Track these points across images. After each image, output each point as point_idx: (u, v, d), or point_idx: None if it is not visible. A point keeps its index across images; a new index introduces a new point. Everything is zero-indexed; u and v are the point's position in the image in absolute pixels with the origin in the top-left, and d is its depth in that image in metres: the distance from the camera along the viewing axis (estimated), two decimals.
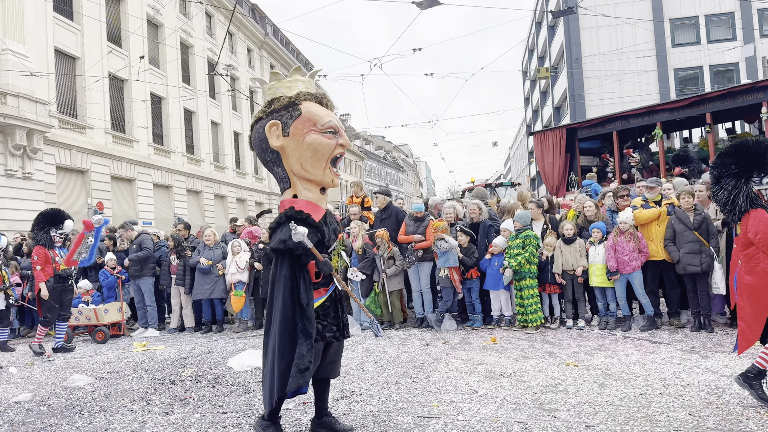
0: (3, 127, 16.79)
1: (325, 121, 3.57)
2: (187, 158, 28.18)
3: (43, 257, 7.82)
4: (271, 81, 3.80)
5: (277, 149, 3.58)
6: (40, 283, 7.76)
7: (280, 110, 3.57)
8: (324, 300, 3.61)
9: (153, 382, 5.81)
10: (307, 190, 3.65)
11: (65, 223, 7.98)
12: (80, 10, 20.88)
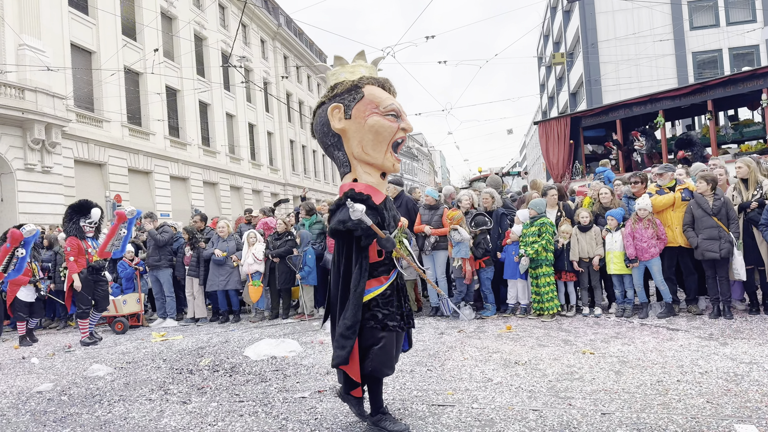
0: (22, 121, 17.02)
1: (388, 103, 3.53)
2: (203, 150, 28.37)
3: (77, 248, 7.87)
4: (335, 66, 3.77)
5: (339, 132, 3.55)
6: (74, 274, 7.82)
7: (343, 93, 3.55)
8: (385, 288, 3.55)
9: (171, 371, 5.89)
10: (368, 174, 3.60)
11: (92, 212, 8.03)
12: (95, 5, 21.03)
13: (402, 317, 3.61)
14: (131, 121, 22.95)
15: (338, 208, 3.47)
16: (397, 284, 3.66)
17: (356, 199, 3.39)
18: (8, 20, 17.12)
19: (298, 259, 8.75)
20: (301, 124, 42.51)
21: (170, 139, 25.50)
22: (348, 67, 3.70)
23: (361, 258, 3.43)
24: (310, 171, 44.16)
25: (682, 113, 15.81)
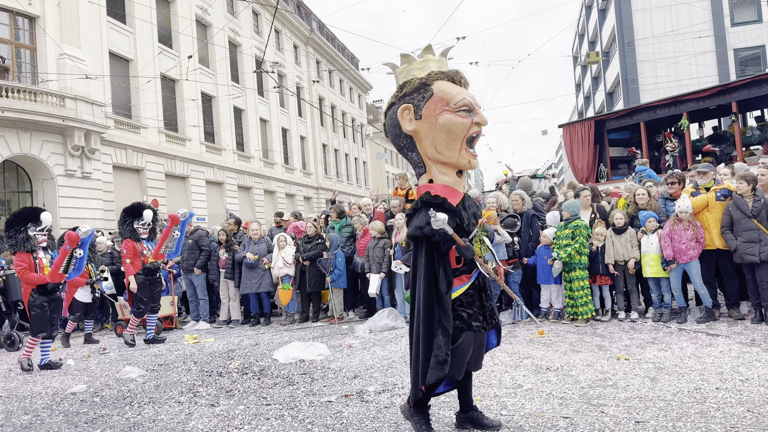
0: (62, 128, 17.54)
1: (458, 99, 3.35)
2: (238, 155, 28.77)
3: (132, 250, 8.00)
4: (402, 64, 3.63)
5: (411, 134, 3.44)
6: (130, 276, 7.95)
7: (412, 93, 3.42)
8: (467, 287, 3.44)
9: (201, 374, 5.94)
10: (443, 173, 3.46)
11: (144, 214, 8.17)
12: (132, 14, 21.55)
13: (484, 317, 3.51)
14: (168, 127, 23.43)
15: (415, 213, 3.36)
16: (479, 283, 3.54)
17: (433, 204, 3.27)
18: (49, 31, 17.68)
19: (328, 263, 8.75)
20: (333, 128, 42.78)
21: (206, 144, 25.93)
22: (416, 63, 3.56)
23: (443, 263, 3.32)
24: (342, 174, 44.38)
25: (706, 115, 15.58)
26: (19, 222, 6.74)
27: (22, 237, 6.66)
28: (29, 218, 6.79)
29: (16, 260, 6.67)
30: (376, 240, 8.52)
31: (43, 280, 6.59)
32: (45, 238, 6.81)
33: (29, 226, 6.72)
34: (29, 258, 6.64)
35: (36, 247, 6.73)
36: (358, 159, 48.86)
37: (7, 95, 16.00)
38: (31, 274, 6.59)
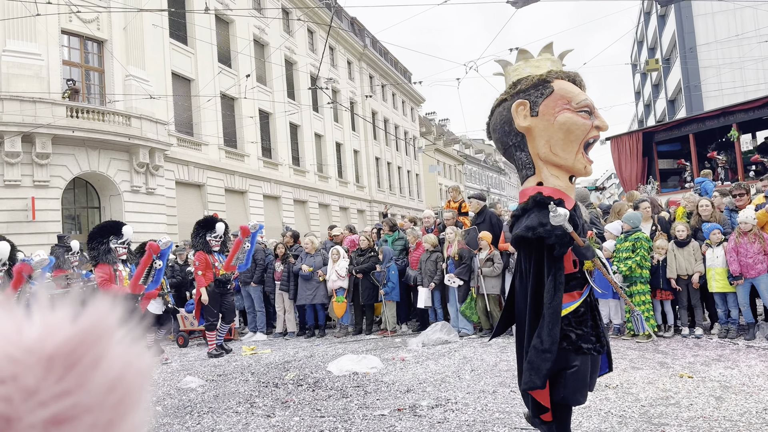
0: (128, 146, 18.40)
1: (581, 99, 3.16)
2: (293, 170, 29.39)
3: (204, 262, 8.10)
4: (517, 61, 3.48)
5: (524, 131, 3.20)
6: (201, 287, 8.06)
7: (529, 89, 3.21)
8: (578, 305, 3.15)
9: (258, 384, 6.08)
10: (555, 176, 3.19)
11: (217, 226, 8.29)
12: (194, 35, 22.46)
13: (597, 338, 3.18)
14: (227, 144, 24.20)
15: (524, 213, 3.09)
16: (590, 301, 3.24)
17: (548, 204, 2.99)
18: (116, 54, 18.65)
19: (381, 275, 8.81)
20: (386, 141, 43.08)
21: (263, 160, 26.63)
22: (533, 61, 3.39)
23: (555, 269, 3.02)
24: (395, 187, 44.57)
25: (757, 126, 14.95)
26: (101, 235, 6.92)
27: (103, 249, 6.82)
28: (111, 231, 6.97)
29: (97, 272, 6.83)
30: (428, 253, 8.53)
31: (123, 291, 6.71)
32: (125, 251, 6.98)
33: (111, 239, 6.87)
34: (110, 270, 6.79)
35: (116, 260, 6.88)
36: (411, 171, 48.97)
37: (77, 116, 16.94)
38: (111, 285, 6.72)
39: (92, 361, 0.53)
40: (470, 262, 8.17)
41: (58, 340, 0.52)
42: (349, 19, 39.00)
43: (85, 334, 0.53)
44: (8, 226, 15.92)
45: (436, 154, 52.28)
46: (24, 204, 16.17)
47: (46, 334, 0.52)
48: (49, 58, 17.08)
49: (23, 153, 16.02)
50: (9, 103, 15.70)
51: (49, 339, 0.52)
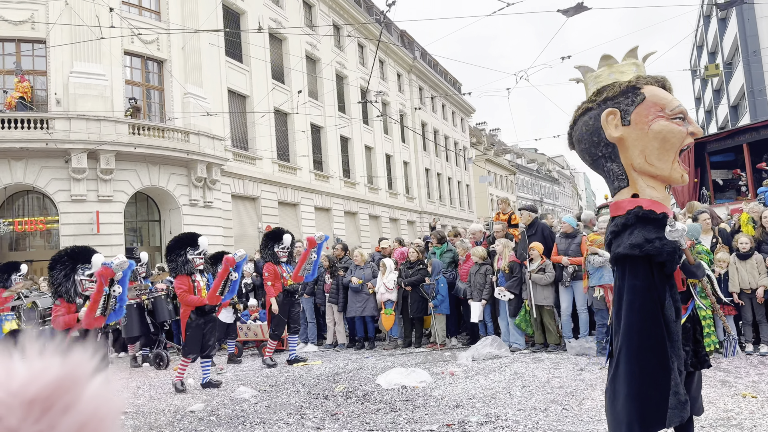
0: (187, 162, 19.08)
1: (674, 105, 3.02)
2: (344, 182, 29.74)
3: (273, 273, 8.27)
4: (600, 67, 3.33)
5: (615, 141, 3.04)
6: (271, 298, 8.23)
7: (617, 97, 3.06)
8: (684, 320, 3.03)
9: (308, 396, 6.16)
10: (651, 187, 3.03)
11: (284, 238, 8.44)
12: (248, 53, 23.15)
13: (696, 355, 3.07)
14: (280, 158, 24.74)
15: (625, 229, 2.94)
16: (694, 314, 3.14)
17: (651, 218, 2.89)
18: (175, 73, 19.42)
19: (431, 288, 8.78)
20: (436, 152, 43.03)
21: (314, 172, 27.08)
22: (617, 66, 3.24)
23: (669, 286, 2.89)
24: (445, 198, 44.41)
25: None
26: (178, 246, 7.06)
27: (181, 260, 6.96)
28: (188, 242, 7.10)
29: (177, 283, 6.99)
30: (477, 266, 8.45)
31: (202, 301, 6.85)
32: (202, 262, 7.11)
33: (188, 250, 7.00)
34: (188, 280, 6.92)
35: (194, 270, 7.01)
36: (461, 182, 48.69)
37: (139, 133, 17.71)
38: (190, 296, 6.85)
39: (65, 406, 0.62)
40: (521, 274, 8.05)
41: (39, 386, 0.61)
42: (398, 32, 39.31)
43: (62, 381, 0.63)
44: (75, 239, 16.71)
45: (486, 164, 51.82)
46: (89, 218, 16.97)
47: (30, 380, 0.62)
48: (112, 78, 17.96)
49: (89, 169, 16.85)
50: (76, 122, 16.57)
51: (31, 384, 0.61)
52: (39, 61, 17.51)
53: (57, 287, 5.47)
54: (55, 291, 5.50)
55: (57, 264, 5.54)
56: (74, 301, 5.43)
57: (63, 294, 5.45)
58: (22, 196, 17.43)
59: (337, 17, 30.77)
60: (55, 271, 5.52)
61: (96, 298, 5.26)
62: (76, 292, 5.48)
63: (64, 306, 5.40)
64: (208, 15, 20.09)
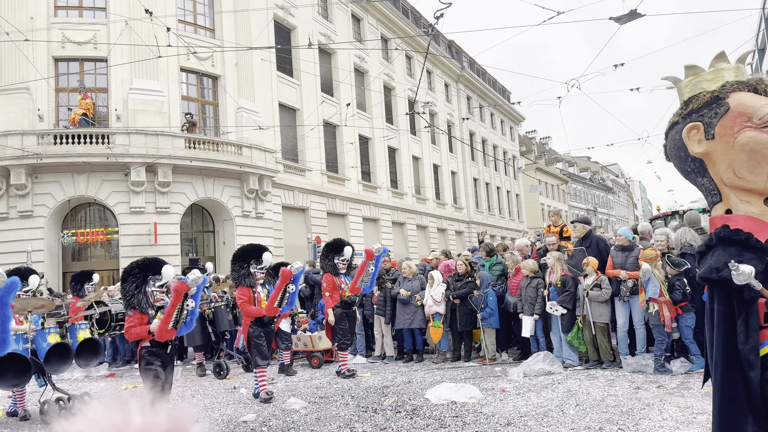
0: (239, 174, 19.58)
1: (763, 112, 2.79)
2: (392, 192, 29.85)
3: (332, 284, 8.38)
4: (687, 77, 3.12)
5: (700, 156, 2.89)
6: (328, 309, 8.34)
7: (701, 109, 2.89)
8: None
9: (357, 409, 6.18)
10: (745, 202, 2.87)
11: (345, 250, 8.50)
12: (299, 67, 23.64)
13: None
14: (329, 169, 25.08)
15: (708, 250, 2.81)
16: None
17: (734, 240, 2.73)
18: (229, 89, 20.01)
19: (479, 301, 8.69)
20: (485, 161, 42.66)
21: (363, 183, 27.31)
22: (705, 74, 3.02)
23: (746, 312, 2.73)
24: (494, 208, 43.91)
25: None
26: (242, 259, 7.24)
27: (243, 272, 7.14)
28: (252, 255, 7.24)
29: (238, 293, 7.16)
30: (528, 279, 8.31)
31: (261, 313, 7.01)
32: (263, 276, 7.24)
33: (251, 263, 7.17)
34: (249, 292, 7.09)
35: (255, 283, 7.17)
36: (511, 192, 48.07)
37: (194, 147, 18.31)
38: (250, 307, 7.02)
39: None
40: (574, 288, 7.86)
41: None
42: (446, 42, 39.31)
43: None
44: (133, 249, 17.39)
45: (537, 173, 51.05)
46: (147, 229, 17.62)
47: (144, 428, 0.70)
48: (169, 94, 18.66)
49: (147, 182, 17.52)
50: (135, 137, 17.27)
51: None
52: (101, 78, 18.38)
53: (130, 299, 5.57)
54: (128, 302, 5.59)
55: (129, 276, 5.65)
56: (147, 312, 5.54)
57: (136, 305, 5.54)
58: (85, 208, 18.26)
59: (386, 30, 31.06)
60: (127, 283, 5.63)
61: (170, 312, 5.37)
62: (148, 303, 5.57)
63: (136, 317, 5.51)
64: (260, 31, 20.63)
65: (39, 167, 16.71)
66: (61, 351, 6.63)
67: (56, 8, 18.17)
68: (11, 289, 4.13)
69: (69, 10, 18.44)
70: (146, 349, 5.47)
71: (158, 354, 5.47)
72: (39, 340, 6.59)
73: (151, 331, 5.39)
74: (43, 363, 6.48)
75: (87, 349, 6.98)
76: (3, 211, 16.80)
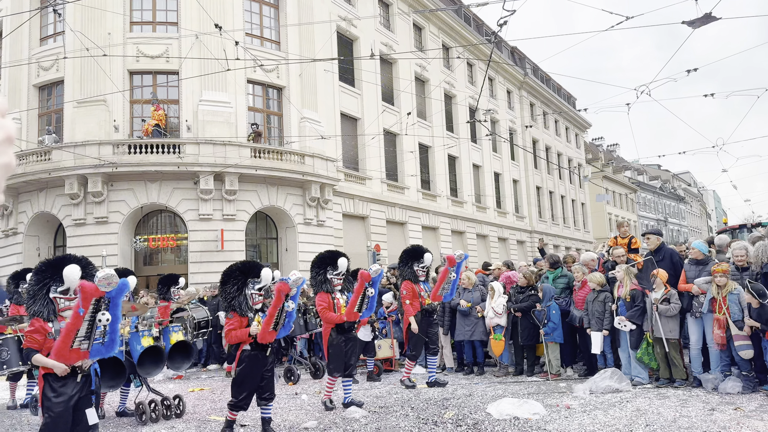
0: (302, 182, 19.96)
1: None
2: (451, 201, 29.65)
3: (411, 292, 8.16)
4: None
5: None
6: (410, 317, 8.11)
7: None
8: None
9: (417, 421, 6.13)
10: None
11: (425, 257, 8.28)
12: (360, 77, 23.91)
13: None
14: (389, 178, 25.20)
15: None
16: None
17: None
18: (293, 99, 20.47)
19: (542, 315, 8.47)
20: (548, 169, 41.71)
21: (422, 192, 27.26)
22: None
23: None
24: (558, 218, 42.82)
25: None
26: (319, 265, 7.20)
27: (320, 279, 7.09)
28: (329, 262, 7.19)
29: (318, 300, 7.13)
30: (595, 293, 8.04)
31: (341, 319, 6.93)
32: (340, 282, 7.13)
33: (327, 269, 7.10)
34: (328, 297, 7.03)
35: (332, 289, 7.09)
36: (576, 201, 46.77)
37: (259, 156, 18.83)
38: (330, 313, 6.95)
39: None
40: (643, 303, 7.54)
41: None
42: (509, 49, 38.83)
43: None
44: (201, 255, 18.01)
45: (604, 182, 49.47)
46: (214, 235, 18.21)
47: None
48: (236, 105, 19.27)
49: (215, 190, 18.12)
50: (204, 147, 17.92)
51: None
52: (172, 90, 19.19)
53: (230, 301, 5.59)
54: (229, 305, 5.61)
55: (230, 278, 5.68)
56: (246, 315, 5.55)
57: (236, 308, 5.55)
58: (156, 214, 19.07)
59: (447, 38, 30.99)
60: (228, 285, 5.66)
61: (272, 313, 5.39)
62: (248, 305, 5.60)
63: (237, 320, 5.52)
64: (323, 43, 21.01)
65: (114, 175, 17.60)
66: (154, 354, 6.76)
67: (132, 23, 19.13)
68: (122, 290, 4.20)
69: (143, 26, 19.39)
70: (247, 352, 5.51)
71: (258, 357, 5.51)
72: (134, 343, 6.74)
73: (251, 334, 5.42)
74: (137, 365, 6.59)
75: (179, 352, 7.10)
76: (80, 217, 17.77)
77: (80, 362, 4.21)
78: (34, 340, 4.20)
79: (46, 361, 4.15)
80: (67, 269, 4.29)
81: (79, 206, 17.77)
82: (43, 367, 4.20)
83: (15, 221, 19.09)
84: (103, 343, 4.20)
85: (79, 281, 4.20)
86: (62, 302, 4.34)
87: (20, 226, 18.95)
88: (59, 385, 4.17)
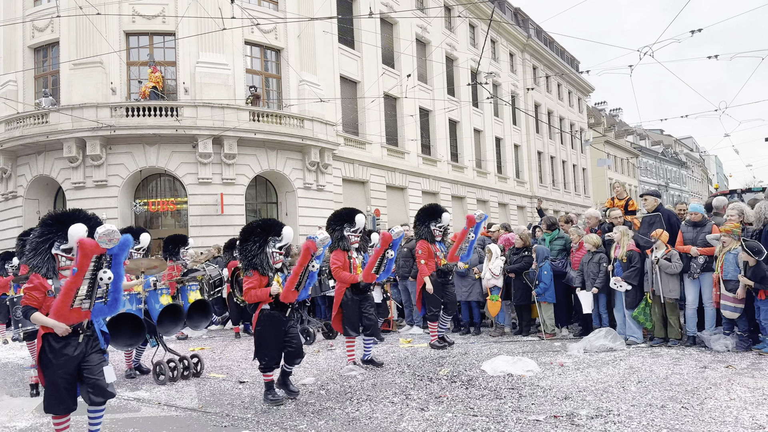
0: (301, 147, 19.87)
1: None
2: (452, 166, 29.55)
3: (427, 251, 7.99)
4: None
5: None
6: (425, 277, 7.82)
7: None
8: None
9: (413, 377, 6.24)
10: None
11: (443, 216, 8.16)
12: (360, 39, 23.54)
13: None
14: (389, 142, 25.05)
15: None
16: None
17: None
18: (291, 61, 20.20)
19: (534, 276, 8.52)
20: (550, 134, 41.44)
21: (422, 156, 27.15)
22: None
23: None
24: (559, 183, 42.73)
25: None
26: (335, 222, 6.99)
27: (337, 236, 6.86)
28: (345, 219, 6.96)
29: (333, 258, 6.95)
30: (590, 254, 8.07)
31: (354, 279, 6.79)
32: (357, 240, 6.95)
33: (345, 226, 6.88)
34: (344, 256, 6.86)
35: (349, 247, 6.91)
36: (577, 166, 46.61)
37: (258, 119, 18.69)
38: (344, 272, 6.79)
39: None
40: (641, 264, 7.56)
41: None
42: (512, 10, 38.12)
43: None
44: (201, 219, 18.07)
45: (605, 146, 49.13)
46: (214, 200, 18.22)
47: None
48: (234, 67, 19.03)
49: (213, 154, 18.05)
50: (202, 110, 17.79)
51: None
52: (169, 52, 18.95)
53: (251, 259, 5.35)
54: (249, 263, 5.37)
55: (251, 236, 5.44)
56: (266, 274, 5.35)
57: (258, 266, 5.33)
58: (155, 178, 19.05)
59: None
60: (249, 242, 5.42)
61: (297, 271, 5.21)
62: (268, 264, 5.39)
63: (257, 278, 5.31)
64: (322, 2, 20.62)
65: (112, 138, 17.52)
66: (172, 312, 6.71)
67: None
68: (124, 247, 4.00)
69: None
70: (266, 311, 5.34)
71: (278, 317, 5.33)
72: (152, 302, 6.67)
73: (271, 294, 5.25)
74: (156, 324, 6.55)
75: (198, 311, 7.06)
76: (80, 180, 17.77)
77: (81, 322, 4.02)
78: (33, 298, 3.99)
79: (45, 320, 3.95)
80: (72, 228, 4.00)
81: (78, 169, 17.75)
82: (42, 327, 4.02)
83: (14, 184, 19.10)
84: (106, 302, 4.01)
85: None
86: (63, 260, 4.11)
87: (20, 189, 18.98)
88: (60, 345, 3.99)
